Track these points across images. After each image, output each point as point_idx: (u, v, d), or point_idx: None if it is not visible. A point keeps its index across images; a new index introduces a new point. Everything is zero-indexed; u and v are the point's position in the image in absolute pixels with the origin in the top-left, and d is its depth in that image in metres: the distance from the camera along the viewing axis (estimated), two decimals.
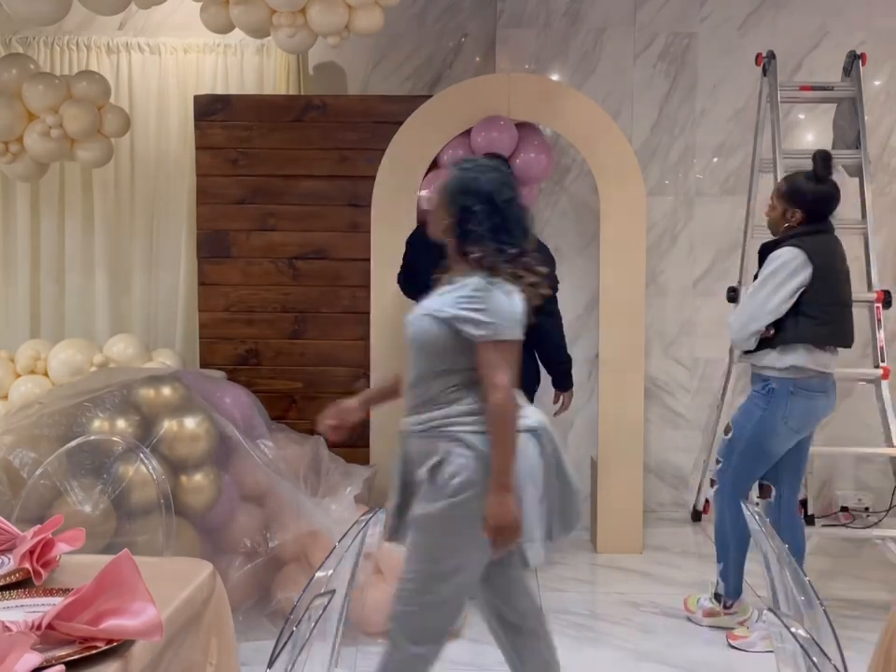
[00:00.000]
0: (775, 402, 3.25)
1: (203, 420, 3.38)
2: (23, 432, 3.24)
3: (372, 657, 3.21)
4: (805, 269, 3.17)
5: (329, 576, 1.63)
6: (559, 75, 5.00)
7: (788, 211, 3.29)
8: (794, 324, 3.20)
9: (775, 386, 3.25)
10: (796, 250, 3.19)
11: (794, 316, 3.20)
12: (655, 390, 4.98)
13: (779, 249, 3.24)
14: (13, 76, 4.62)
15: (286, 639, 1.35)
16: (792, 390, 3.23)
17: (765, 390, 3.28)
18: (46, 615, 1.30)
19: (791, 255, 3.19)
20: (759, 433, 3.30)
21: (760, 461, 3.36)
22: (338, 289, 4.80)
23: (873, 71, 4.78)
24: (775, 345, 3.23)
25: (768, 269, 3.22)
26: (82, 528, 1.74)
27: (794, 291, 3.18)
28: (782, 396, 3.24)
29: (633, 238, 4.40)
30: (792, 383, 3.23)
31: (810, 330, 3.21)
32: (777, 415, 3.25)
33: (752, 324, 3.22)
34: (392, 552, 3.21)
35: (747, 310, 3.26)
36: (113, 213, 5.26)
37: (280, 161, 4.80)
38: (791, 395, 3.23)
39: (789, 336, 3.21)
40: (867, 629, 3.18)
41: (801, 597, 1.63)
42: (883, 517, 4.76)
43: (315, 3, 3.80)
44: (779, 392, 3.24)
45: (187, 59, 5.21)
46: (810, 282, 3.17)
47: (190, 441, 3.33)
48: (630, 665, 3.25)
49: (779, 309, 3.18)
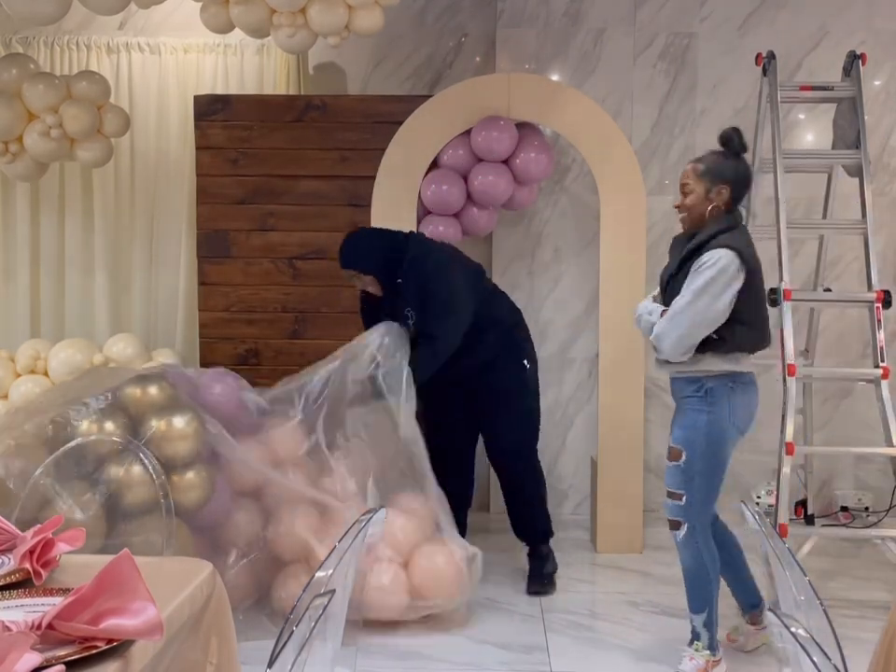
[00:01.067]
0: (716, 401, 3.01)
1: (192, 419, 3.35)
2: (8, 441, 3.19)
3: (373, 657, 3.23)
4: (740, 273, 2.95)
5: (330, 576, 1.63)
6: (559, 75, 5.00)
7: (712, 189, 3.03)
8: (731, 332, 2.98)
9: (712, 385, 3.02)
10: (731, 253, 2.93)
11: (730, 324, 2.98)
12: (655, 390, 4.98)
13: (712, 252, 2.95)
14: (13, 76, 4.63)
15: (286, 639, 1.35)
16: (731, 386, 3.02)
17: (702, 391, 3.03)
18: (46, 615, 1.30)
19: (727, 259, 2.93)
20: (712, 439, 3.02)
21: (721, 472, 3.07)
22: (338, 289, 4.79)
23: (873, 71, 4.78)
24: (706, 352, 3.00)
25: (703, 276, 2.93)
26: (82, 528, 1.74)
27: (732, 299, 2.95)
28: (722, 394, 3.01)
29: (633, 238, 4.40)
30: (729, 379, 3.02)
31: (747, 337, 3.03)
32: (723, 414, 3.01)
33: (689, 337, 2.95)
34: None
35: (682, 321, 2.94)
36: (113, 213, 5.26)
37: (280, 161, 4.80)
38: (731, 391, 3.02)
39: (726, 345, 3.00)
40: (867, 629, 3.19)
41: (801, 597, 1.63)
42: (883, 517, 4.76)
43: (315, 3, 3.80)
44: (718, 390, 3.01)
45: (187, 59, 5.21)
46: (742, 286, 2.96)
47: (179, 440, 3.30)
48: (630, 665, 3.25)
49: (719, 319, 2.96)
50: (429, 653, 3.29)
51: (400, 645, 3.34)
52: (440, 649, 3.32)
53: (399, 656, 3.26)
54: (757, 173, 4.57)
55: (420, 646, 3.34)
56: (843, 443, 4.61)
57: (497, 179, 4.40)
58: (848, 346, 4.99)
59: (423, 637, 3.40)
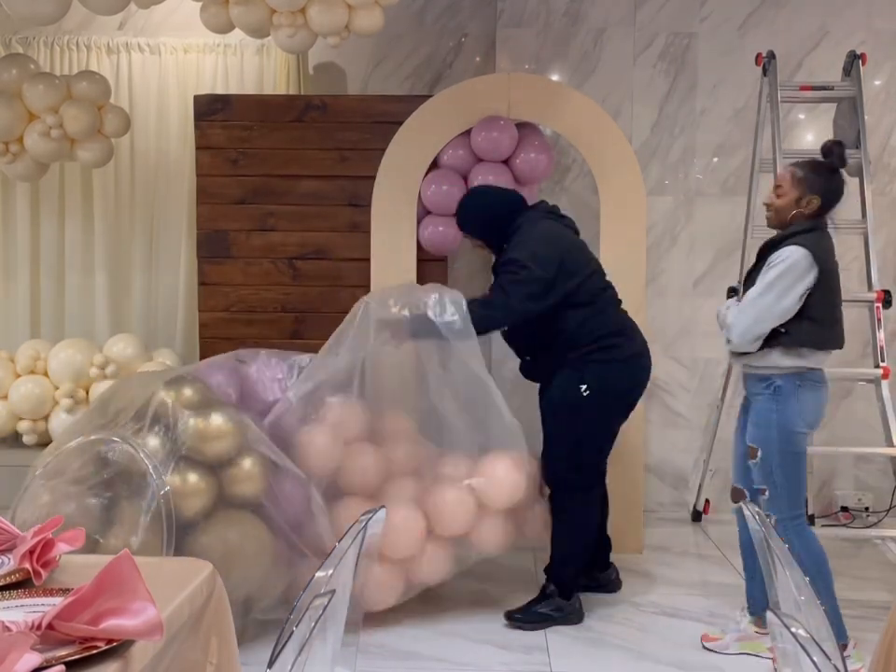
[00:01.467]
0: (784, 399, 3.12)
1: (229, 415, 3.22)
2: (61, 480, 3.04)
3: (373, 657, 3.23)
4: (811, 270, 3.05)
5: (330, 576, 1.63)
6: (559, 75, 5.00)
7: (804, 198, 3.14)
8: (798, 327, 3.09)
9: (780, 383, 3.12)
10: (803, 250, 3.06)
11: (798, 319, 3.09)
12: (655, 390, 4.98)
13: (785, 248, 3.09)
14: (13, 76, 4.63)
15: (286, 639, 1.35)
16: (799, 383, 3.12)
17: (771, 389, 3.14)
18: (46, 615, 1.30)
19: (798, 255, 3.05)
20: (784, 435, 3.14)
21: (801, 464, 3.18)
22: (338, 289, 4.80)
23: (873, 71, 4.78)
24: (775, 346, 3.11)
25: (775, 270, 3.07)
26: (82, 528, 1.74)
27: (802, 295, 3.06)
28: (791, 391, 3.11)
29: (633, 238, 4.40)
30: (797, 377, 3.12)
31: (815, 334, 3.12)
32: (792, 412, 3.12)
33: (757, 327, 3.09)
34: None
35: (751, 312, 3.08)
36: (113, 213, 5.26)
37: (280, 161, 4.80)
38: (799, 388, 3.11)
39: (793, 340, 3.10)
40: (867, 629, 3.18)
41: (801, 597, 1.63)
42: (883, 517, 4.76)
43: (315, 3, 3.80)
44: (786, 388, 3.11)
45: (187, 59, 5.21)
46: (814, 284, 3.07)
47: (219, 437, 3.15)
48: (630, 665, 3.25)
49: (788, 313, 3.07)
50: (429, 653, 3.29)
51: (400, 645, 3.34)
52: (440, 649, 3.32)
53: (399, 656, 3.26)
54: (757, 173, 4.58)
55: (420, 646, 3.34)
56: (843, 443, 4.61)
57: (498, 179, 4.40)
58: (848, 346, 4.95)
59: (423, 637, 3.40)
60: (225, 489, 3.16)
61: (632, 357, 3.55)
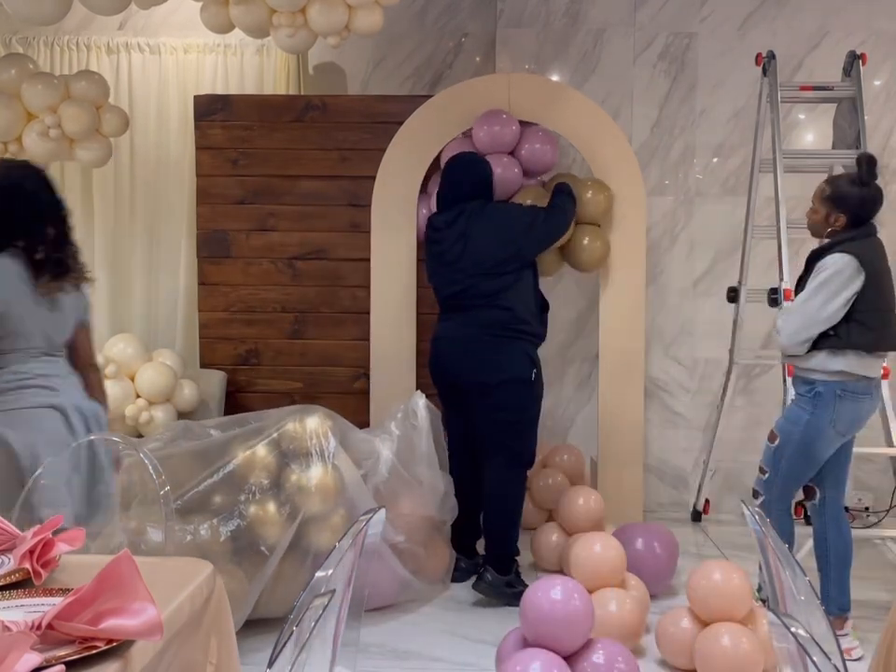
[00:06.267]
0: (822, 406, 3.20)
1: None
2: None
3: (373, 657, 3.23)
4: (858, 276, 3.13)
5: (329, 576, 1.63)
6: (559, 75, 5.00)
7: (831, 215, 3.24)
8: (846, 330, 3.16)
9: (821, 390, 3.19)
10: (848, 257, 3.13)
11: (846, 322, 3.16)
12: (655, 390, 4.98)
13: (831, 256, 3.17)
14: (12, 76, 4.62)
15: (286, 639, 1.35)
16: (840, 394, 3.18)
17: (812, 394, 3.22)
18: (46, 615, 1.30)
19: (843, 262, 3.13)
20: (806, 437, 3.23)
21: (807, 466, 3.30)
22: (338, 289, 4.80)
23: (873, 71, 4.78)
24: (823, 348, 3.19)
25: (821, 276, 3.16)
26: (82, 528, 1.74)
27: (849, 300, 3.14)
28: (829, 400, 3.19)
29: (633, 238, 4.40)
30: (840, 386, 3.18)
31: (861, 336, 3.17)
32: (824, 419, 3.20)
33: (805, 331, 3.18)
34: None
35: (799, 317, 3.19)
36: (113, 213, 5.26)
37: (280, 161, 4.80)
38: (839, 398, 3.19)
39: (840, 342, 3.17)
40: (867, 629, 3.18)
41: (801, 597, 1.62)
42: (883, 517, 4.76)
43: (315, 3, 3.80)
44: (826, 396, 3.19)
45: (187, 59, 5.21)
46: (862, 288, 3.14)
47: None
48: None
49: (834, 317, 3.15)
50: (429, 653, 3.29)
51: (400, 645, 3.34)
52: (440, 649, 3.32)
53: (399, 656, 3.26)
54: (757, 173, 4.58)
55: (420, 646, 3.34)
56: None
57: (505, 172, 4.32)
58: None
59: (423, 637, 3.40)
60: None
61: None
